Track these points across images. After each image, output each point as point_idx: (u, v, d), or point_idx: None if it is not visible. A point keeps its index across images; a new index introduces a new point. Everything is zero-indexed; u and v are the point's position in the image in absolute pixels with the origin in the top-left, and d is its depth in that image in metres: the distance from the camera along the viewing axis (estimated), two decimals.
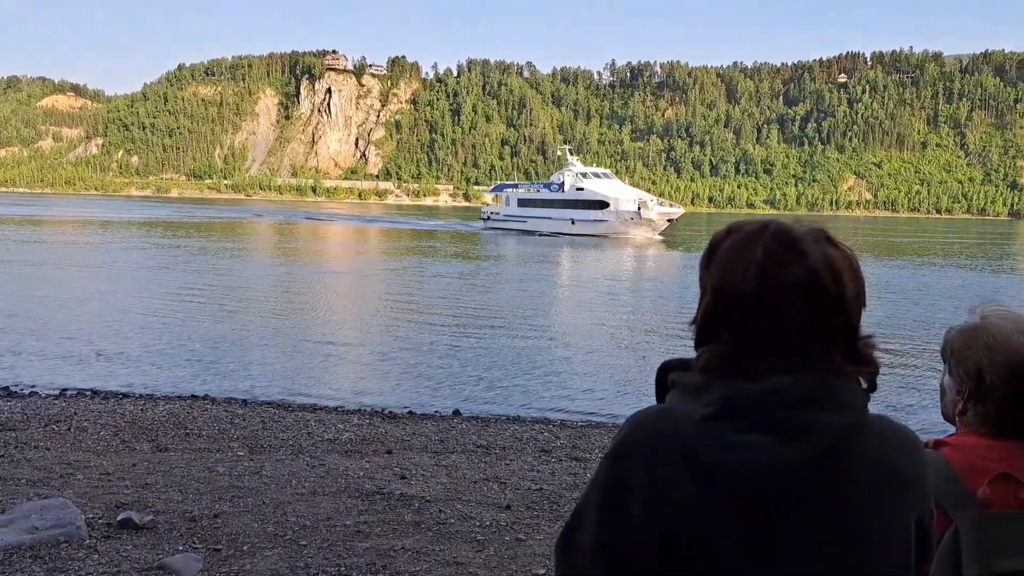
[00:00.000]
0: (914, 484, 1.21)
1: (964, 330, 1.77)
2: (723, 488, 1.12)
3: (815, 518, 1.14)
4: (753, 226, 1.21)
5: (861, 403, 1.18)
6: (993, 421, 1.72)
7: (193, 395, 11.93)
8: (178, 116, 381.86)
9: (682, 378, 1.21)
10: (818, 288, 1.15)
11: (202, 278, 29.55)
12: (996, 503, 1.65)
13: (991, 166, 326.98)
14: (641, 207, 62.74)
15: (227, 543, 5.42)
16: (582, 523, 1.22)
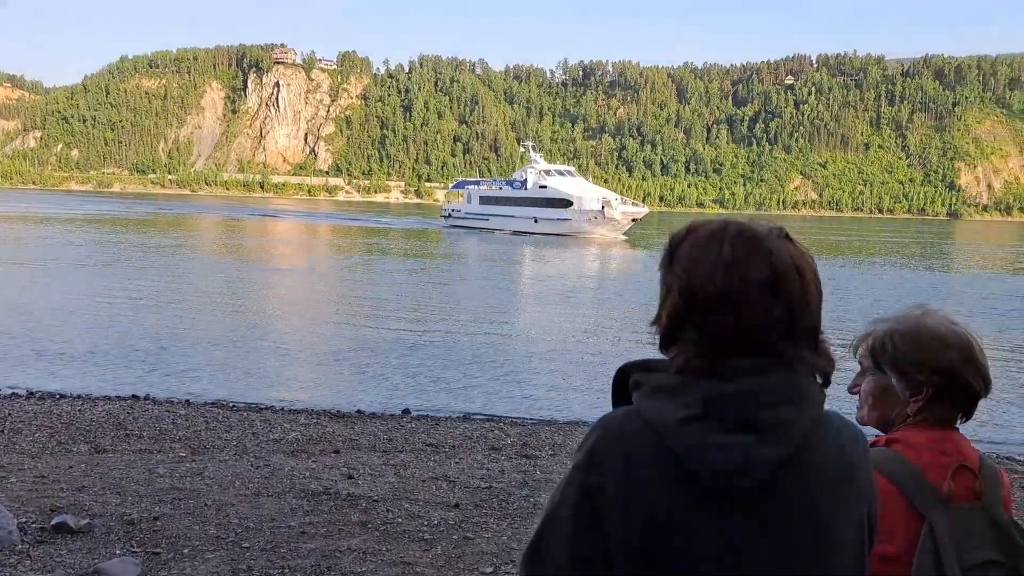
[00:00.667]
0: (865, 476, 1.25)
1: (908, 334, 1.79)
2: (707, 489, 1.13)
3: (790, 513, 1.16)
4: (713, 225, 1.22)
5: (822, 399, 1.21)
6: (956, 413, 1.78)
7: (134, 395, 11.62)
8: (120, 109, 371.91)
9: (649, 379, 1.20)
10: (784, 285, 1.16)
11: (146, 276, 28.88)
12: (957, 496, 1.69)
13: (930, 167, 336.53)
14: (605, 206, 62.15)
15: (167, 546, 5.29)
16: (552, 535, 1.19)
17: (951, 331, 1.77)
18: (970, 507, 1.69)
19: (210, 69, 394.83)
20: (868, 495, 1.26)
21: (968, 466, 1.71)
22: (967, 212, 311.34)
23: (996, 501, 1.72)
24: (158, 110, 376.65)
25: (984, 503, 1.71)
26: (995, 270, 48.03)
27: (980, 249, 75.52)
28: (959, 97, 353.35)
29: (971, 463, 1.73)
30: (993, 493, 1.73)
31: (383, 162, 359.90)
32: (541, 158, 74.32)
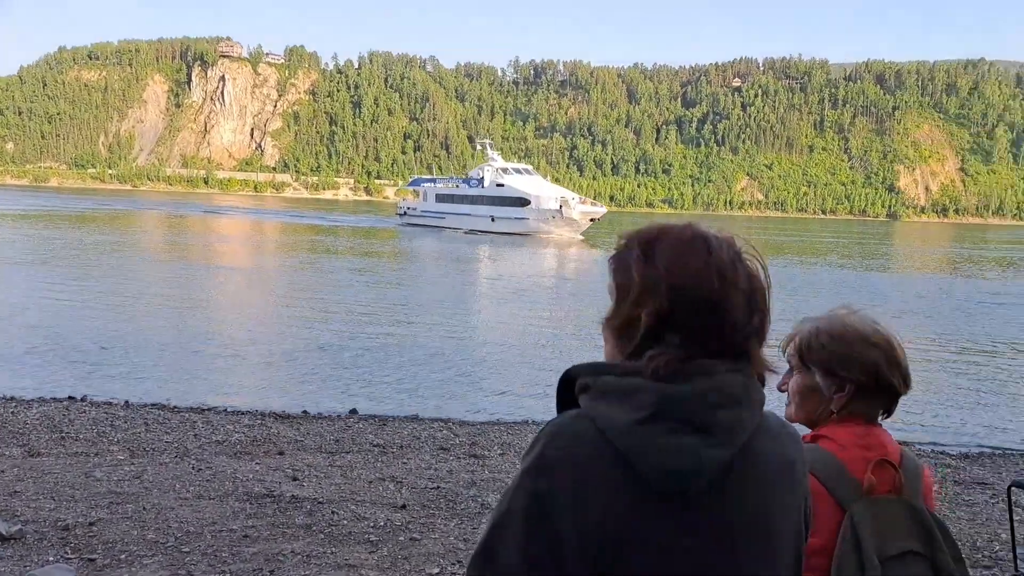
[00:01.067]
0: (800, 470, 1.27)
1: (832, 333, 1.84)
2: (657, 491, 1.13)
3: (738, 513, 1.18)
4: (685, 227, 1.23)
5: (763, 400, 1.23)
6: (878, 410, 1.85)
7: (71, 397, 11.27)
8: (58, 101, 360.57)
9: (598, 383, 1.19)
10: (758, 292, 1.21)
11: (87, 274, 28.10)
12: (878, 489, 1.75)
13: (871, 170, 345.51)
14: (563, 205, 61.43)
15: (103, 552, 5.15)
16: (502, 540, 1.18)
17: (874, 330, 1.83)
18: (891, 499, 1.75)
19: (153, 62, 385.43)
20: (804, 491, 1.29)
21: (889, 460, 1.77)
22: (905, 213, 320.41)
23: (916, 494, 1.78)
24: (98, 103, 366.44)
25: (904, 496, 1.77)
26: (929, 271, 49.56)
27: (917, 250, 77.82)
28: (899, 102, 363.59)
29: (892, 457, 1.79)
30: (913, 486, 1.79)
31: (332, 159, 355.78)
32: (498, 156, 73.14)
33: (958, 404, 13.71)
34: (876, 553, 1.70)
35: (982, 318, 24.99)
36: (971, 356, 18.44)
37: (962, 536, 6.20)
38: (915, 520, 1.75)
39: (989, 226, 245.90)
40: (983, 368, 17.08)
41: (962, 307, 27.91)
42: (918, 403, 13.52)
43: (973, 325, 23.30)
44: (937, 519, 1.78)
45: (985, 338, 20.95)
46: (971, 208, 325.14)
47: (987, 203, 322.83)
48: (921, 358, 18.14)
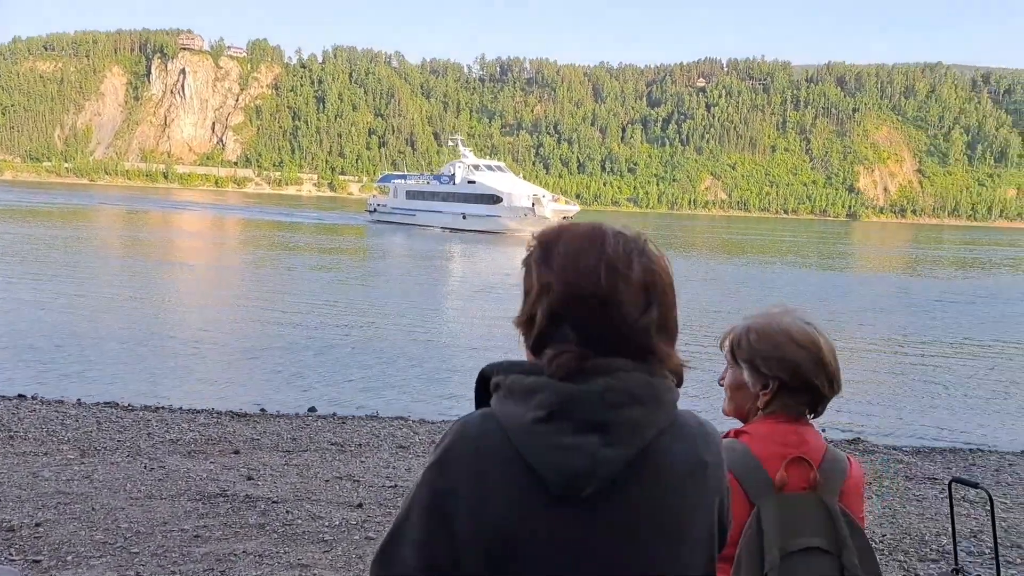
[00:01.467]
0: (715, 473, 1.25)
1: (761, 331, 1.89)
2: (555, 490, 1.13)
3: (639, 513, 1.17)
4: (588, 227, 1.23)
5: (674, 399, 1.22)
6: (775, 408, 1.87)
7: (20, 395, 11.01)
8: (12, 93, 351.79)
9: (506, 382, 1.19)
10: (656, 287, 1.19)
11: (41, 270, 27.49)
12: (791, 485, 1.78)
13: (832, 170, 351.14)
14: (535, 203, 60.83)
15: (49, 553, 5.04)
16: (403, 537, 1.19)
17: (801, 330, 1.85)
18: (802, 496, 1.78)
19: (111, 53, 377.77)
20: (719, 490, 1.27)
21: (804, 457, 1.79)
22: (865, 213, 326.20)
23: (832, 492, 1.80)
24: (53, 95, 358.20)
25: (819, 493, 1.79)
26: (885, 270, 50.50)
27: (874, 250, 79.24)
28: (859, 103, 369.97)
29: (812, 455, 1.81)
30: (830, 484, 1.81)
31: (295, 154, 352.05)
32: (470, 152, 72.20)
33: (913, 402, 14.00)
34: (779, 547, 1.73)
35: (936, 317, 25.53)
36: (925, 355, 18.82)
37: (911, 530, 6.33)
38: (824, 517, 1.77)
39: (945, 227, 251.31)
40: (936, 367, 17.44)
41: (917, 306, 28.49)
42: (874, 400, 13.78)
43: (927, 324, 23.79)
44: (849, 518, 1.80)
45: (938, 337, 21.40)
46: (928, 209, 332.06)
47: (943, 204, 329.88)
48: (876, 357, 18.49)
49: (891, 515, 6.75)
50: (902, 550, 5.83)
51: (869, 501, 7.23)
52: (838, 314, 25.02)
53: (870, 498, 7.34)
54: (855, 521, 1.81)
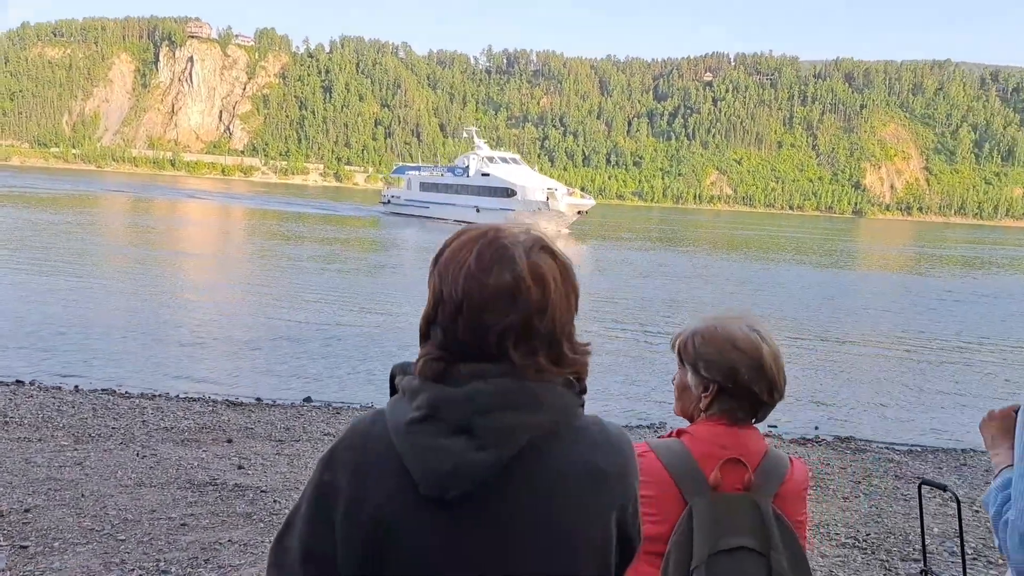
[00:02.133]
0: (614, 482, 1.24)
1: (706, 335, 1.91)
2: (424, 490, 1.14)
3: (516, 519, 1.17)
4: (473, 232, 1.24)
5: (564, 404, 1.22)
6: (716, 410, 1.90)
7: (18, 380, 11.09)
8: (20, 78, 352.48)
9: (402, 382, 1.23)
10: (523, 294, 1.18)
11: (47, 257, 27.58)
12: (726, 485, 1.81)
13: (838, 167, 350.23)
14: (550, 197, 58.97)
15: (36, 539, 5.09)
16: (292, 528, 1.24)
17: (745, 336, 1.87)
18: (735, 497, 1.81)
19: (119, 40, 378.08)
20: (621, 498, 1.26)
21: (741, 460, 1.82)
22: (871, 211, 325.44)
23: (767, 494, 1.83)
24: (62, 81, 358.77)
25: (753, 494, 1.82)
26: (890, 269, 50.39)
27: (880, 248, 79.05)
28: (866, 100, 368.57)
29: (747, 457, 1.84)
30: (765, 486, 1.84)
31: (302, 143, 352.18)
32: (484, 144, 70.28)
33: (911, 401, 14.00)
34: (708, 546, 1.76)
35: (939, 316, 25.49)
36: (925, 354, 18.81)
37: (895, 530, 6.35)
38: (756, 519, 1.79)
39: (951, 225, 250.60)
40: (936, 366, 17.43)
41: (919, 305, 28.45)
42: (871, 399, 13.80)
43: (929, 323, 23.75)
44: (782, 520, 1.83)
45: (940, 336, 21.38)
46: (934, 207, 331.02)
47: (950, 202, 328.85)
48: (875, 355, 18.49)
49: (877, 514, 6.77)
50: (885, 549, 5.86)
51: (856, 500, 7.26)
52: (840, 312, 25.02)
53: (857, 497, 7.37)
54: (788, 524, 1.83)
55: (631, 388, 13.38)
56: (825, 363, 16.70)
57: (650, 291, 27.98)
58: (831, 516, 6.61)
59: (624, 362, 15.43)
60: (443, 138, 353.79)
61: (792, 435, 10.62)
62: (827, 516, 6.60)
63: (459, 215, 62.33)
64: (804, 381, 14.44)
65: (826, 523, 6.40)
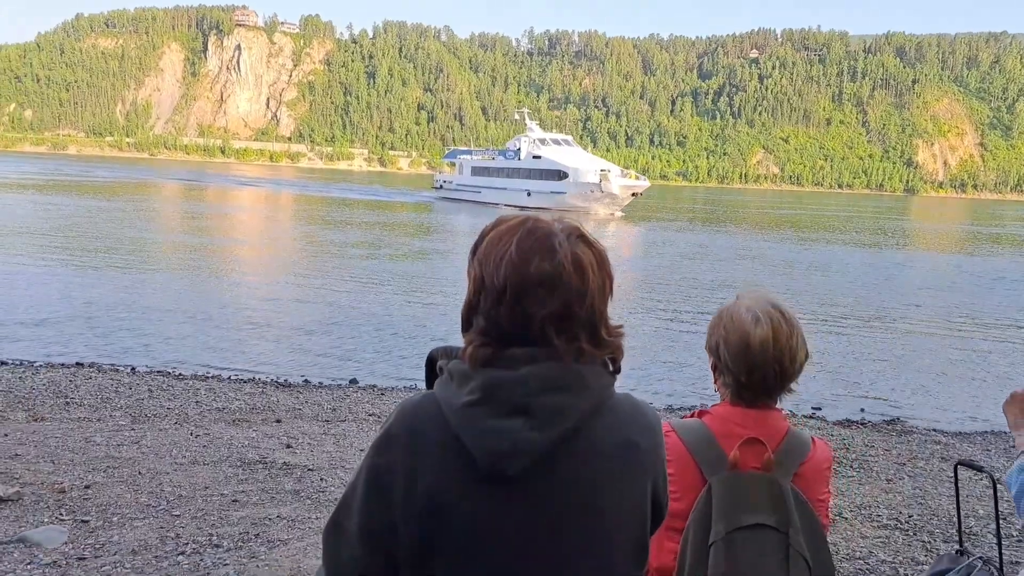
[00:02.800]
0: (647, 455, 1.32)
1: (717, 314, 1.96)
2: (483, 469, 1.20)
3: (565, 494, 1.24)
4: (512, 221, 1.31)
5: (604, 384, 1.28)
6: (733, 392, 1.93)
7: (78, 363, 11.51)
8: (76, 69, 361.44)
9: (447, 366, 1.28)
10: (563, 282, 1.23)
11: (102, 244, 28.39)
12: (744, 464, 1.85)
13: (889, 144, 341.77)
14: (603, 179, 56.73)
15: (96, 514, 5.33)
16: (349, 510, 1.29)
17: (754, 323, 1.88)
18: (755, 475, 1.84)
19: (169, 30, 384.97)
20: (654, 470, 1.34)
21: (760, 439, 1.86)
22: (923, 188, 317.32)
23: (786, 472, 1.86)
24: (115, 71, 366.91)
25: (772, 473, 1.85)
26: (943, 249, 49.18)
27: (933, 227, 77.11)
28: (918, 75, 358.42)
29: (767, 437, 1.87)
30: (785, 465, 1.87)
31: (346, 129, 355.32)
32: (537, 125, 68.83)
33: (962, 384, 13.72)
34: (725, 523, 1.80)
35: (992, 298, 24.88)
36: (976, 336, 18.40)
37: (939, 511, 6.31)
38: (775, 497, 1.82)
39: (1007, 202, 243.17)
40: (991, 349, 17.04)
41: (976, 285, 27.78)
42: (921, 382, 13.59)
43: (984, 304, 23.20)
44: (801, 498, 1.85)
45: (996, 318, 20.88)
46: (989, 184, 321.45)
47: (1005, 179, 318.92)
48: (924, 337, 18.16)
49: (920, 496, 6.72)
50: (927, 531, 5.82)
51: (900, 482, 7.21)
52: (890, 293, 24.59)
53: (901, 479, 7.32)
54: (807, 502, 1.86)
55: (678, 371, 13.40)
56: (873, 345, 16.47)
57: (699, 272, 27.77)
58: (873, 498, 6.58)
59: (672, 345, 15.42)
60: (485, 121, 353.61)
61: (837, 417, 10.55)
62: (869, 498, 6.57)
63: (510, 199, 60.77)
64: (852, 363, 14.28)
65: (868, 504, 6.38)
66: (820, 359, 14.16)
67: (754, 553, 1.79)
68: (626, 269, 26.93)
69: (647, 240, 42.20)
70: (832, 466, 1.99)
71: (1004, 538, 5.08)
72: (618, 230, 47.96)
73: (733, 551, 1.79)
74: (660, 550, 1.84)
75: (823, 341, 15.66)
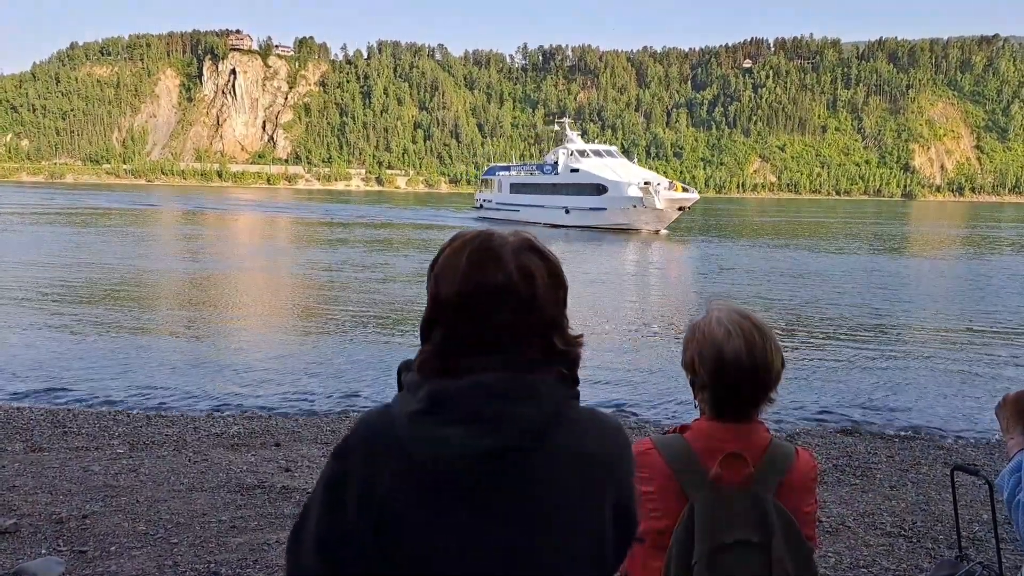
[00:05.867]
0: (607, 467, 1.32)
1: (695, 336, 1.92)
2: (428, 477, 1.22)
3: (513, 502, 1.25)
4: (466, 236, 1.33)
5: (559, 394, 1.28)
6: (712, 407, 1.91)
7: (76, 394, 11.46)
8: (71, 97, 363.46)
9: (406, 378, 1.30)
10: (512, 291, 1.26)
11: (108, 274, 28.38)
12: (726, 480, 1.83)
13: (886, 149, 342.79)
14: (644, 193, 51.67)
15: (94, 544, 5.30)
16: (308, 516, 1.31)
17: (726, 336, 1.86)
18: (736, 491, 1.82)
19: (163, 56, 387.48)
20: (616, 484, 1.33)
21: (741, 454, 1.83)
22: (921, 192, 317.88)
23: (768, 487, 1.84)
24: (111, 98, 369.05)
25: (754, 488, 1.83)
26: (947, 254, 49.18)
27: (933, 230, 77.14)
28: (912, 79, 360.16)
29: (748, 451, 1.85)
30: (767, 480, 1.85)
31: (343, 149, 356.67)
32: (578, 136, 64.39)
33: (964, 390, 13.65)
34: (709, 540, 1.78)
35: (996, 302, 24.83)
36: (980, 341, 18.34)
37: (943, 518, 6.26)
38: (757, 512, 1.81)
39: (1005, 204, 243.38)
40: (991, 354, 16.98)
41: (977, 290, 27.75)
42: (927, 389, 13.53)
43: (987, 309, 23.15)
44: (784, 513, 1.83)
45: (996, 322, 20.84)
46: (987, 186, 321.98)
47: (1003, 181, 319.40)
48: (924, 344, 18.11)
49: (924, 503, 6.68)
50: (931, 538, 5.78)
51: (903, 488, 7.17)
52: (890, 299, 24.55)
53: (905, 485, 7.27)
54: (790, 516, 1.84)
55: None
56: (873, 352, 16.42)
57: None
58: (876, 505, 6.54)
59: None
60: (481, 138, 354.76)
61: (839, 424, 10.50)
62: (872, 505, 6.53)
63: (548, 217, 57.16)
64: (854, 369, 14.23)
65: (871, 512, 6.33)
66: (822, 366, 14.12)
67: (737, 571, 1.78)
68: (676, 291, 26.86)
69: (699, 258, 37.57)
70: (817, 476, 1.97)
71: (1004, 542, 5.05)
72: (663, 251, 42.56)
73: (716, 570, 1.78)
74: (645, 568, 1.83)
75: (824, 348, 15.61)
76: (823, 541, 5.59)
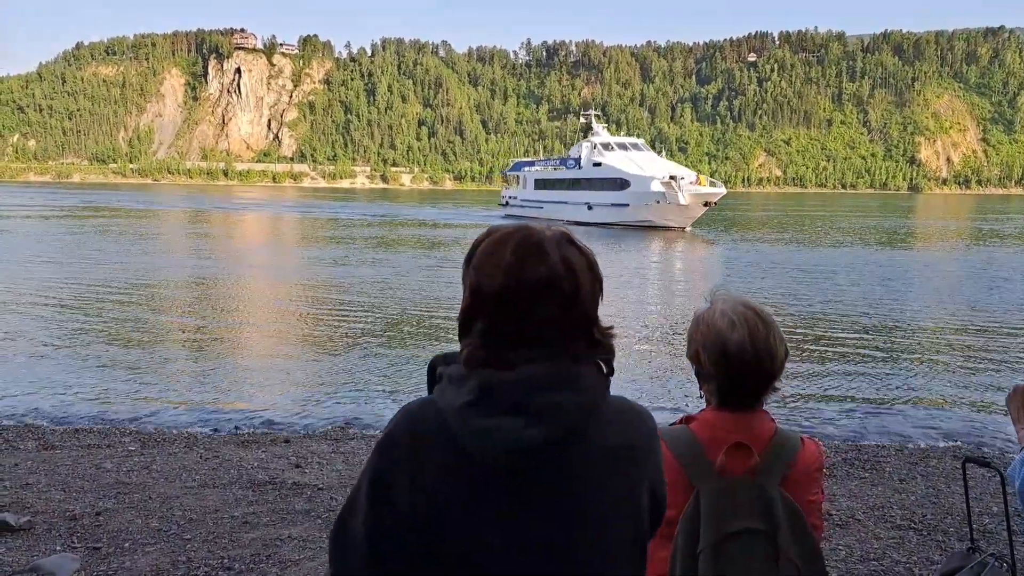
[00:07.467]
0: (645, 457, 1.36)
1: (698, 327, 1.93)
2: (479, 467, 1.24)
3: (561, 490, 1.27)
4: (506, 230, 1.35)
5: (600, 385, 1.31)
6: (717, 397, 1.92)
7: (87, 393, 11.51)
8: (78, 97, 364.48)
9: (446, 370, 1.31)
10: (556, 285, 1.28)
11: (120, 276, 28.45)
12: (732, 470, 1.84)
13: (891, 142, 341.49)
14: (667, 188, 49.10)
15: (108, 541, 5.33)
16: (354, 511, 1.32)
17: (730, 327, 1.87)
18: (742, 481, 1.83)
19: (169, 55, 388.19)
20: (652, 470, 1.37)
21: (746, 444, 1.84)
22: (927, 186, 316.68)
23: (774, 476, 1.85)
24: (116, 98, 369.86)
25: (759, 478, 1.84)
26: (954, 247, 49.00)
27: (942, 224, 76.84)
28: (918, 72, 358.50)
29: (753, 441, 1.86)
30: (772, 469, 1.86)
31: (347, 147, 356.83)
32: (604, 129, 61.73)
33: (980, 381, 13.61)
34: (715, 529, 1.80)
35: (1005, 295, 24.74)
36: (996, 334, 18.28)
37: (954, 510, 6.26)
38: (762, 502, 1.82)
39: (1012, 196, 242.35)
40: (1004, 346, 16.92)
41: (986, 282, 27.65)
42: (939, 381, 13.50)
43: (996, 302, 23.07)
44: (789, 502, 1.85)
45: (1008, 315, 20.76)
46: (993, 179, 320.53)
47: (1009, 173, 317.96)
48: (933, 336, 18.07)
49: (934, 495, 6.67)
50: (942, 530, 5.78)
51: (913, 481, 7.16)
52: (896, 293, 24.48)
53: (914, 478, 7.26)
54: (795, 506, 1.85)
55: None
56: (882, 347, 16.39)
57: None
58: (886, 498, 6.53)
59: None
60: (485, 134, 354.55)
61: (848, 417, 10.48)
62: (882, 499, 6.52)
63: (571, 214, 54.96)
64: (864, 361, 14.20)
65: (881, 505, 6.33)
66: (831, 358, 14.10)
67: (742, 559, 1.80)
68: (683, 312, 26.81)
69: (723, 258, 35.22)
70: (823, 466, 1.98)
71: (1016, 534, 5.05)
72: (685, 250, 40.12)
73: (721, 559, 1.79)
74: (653, 558, 1.81)
75: (835, 342, 15.59)
76: (833, 535, 5.59)
